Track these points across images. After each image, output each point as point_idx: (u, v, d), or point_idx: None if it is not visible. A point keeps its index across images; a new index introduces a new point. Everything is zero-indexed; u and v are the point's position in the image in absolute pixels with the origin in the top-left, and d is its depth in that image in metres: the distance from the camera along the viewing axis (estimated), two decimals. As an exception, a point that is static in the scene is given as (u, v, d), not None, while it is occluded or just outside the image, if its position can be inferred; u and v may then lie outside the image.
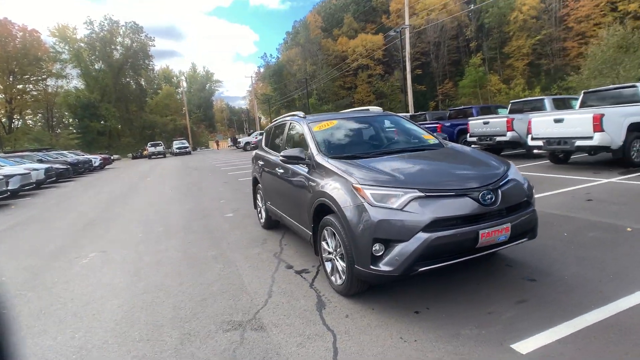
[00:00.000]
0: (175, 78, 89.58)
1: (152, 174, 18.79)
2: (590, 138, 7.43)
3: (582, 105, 9.07)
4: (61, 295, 3.82)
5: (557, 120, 8.13)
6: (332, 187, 3.15)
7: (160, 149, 42.37)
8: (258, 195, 5.84)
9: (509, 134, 10.47)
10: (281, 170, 4.42)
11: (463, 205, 2.74)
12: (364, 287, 3.11)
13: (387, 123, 4.47)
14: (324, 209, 3.33)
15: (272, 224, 5.52)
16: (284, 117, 5.28)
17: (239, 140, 45.07)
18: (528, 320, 2.60)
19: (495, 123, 10.98)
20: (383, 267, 2.71)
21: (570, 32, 55.34)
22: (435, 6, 61.51)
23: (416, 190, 2.76)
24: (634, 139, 7.47)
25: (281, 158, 3.92)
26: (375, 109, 5.00)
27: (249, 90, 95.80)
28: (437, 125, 13.32)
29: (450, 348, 2.37)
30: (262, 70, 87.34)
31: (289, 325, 2.85)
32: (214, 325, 2.93)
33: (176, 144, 44.80)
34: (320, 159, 3.59)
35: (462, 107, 17.82)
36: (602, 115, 7.30)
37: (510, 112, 11.73)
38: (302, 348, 2.53)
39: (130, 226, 6.80)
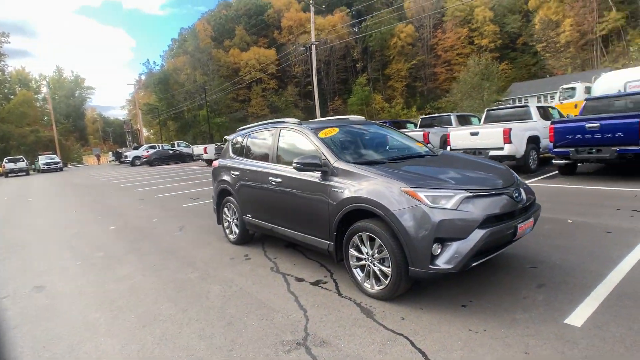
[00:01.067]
0: (34, 82, 76.39)
1: (30, 195, 15.69)
2: (501, 149, 8.82)
3: (486, 121, 10.68)
4: None
5: (472, 134, 9.42)
6: (372, 192, 3.15)
7: (21, 165, 35.58)
8: (226, 209, 5.42)
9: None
10: (277, 180, 4.21)
11: (504, 203, 3.03)
12: (407, 289, 3.16)
13: (380, 131, 4.64)
14: (356, 215, 3.30)
15: (247, 238, 5.18)
16: (263, 124, 5.06)
17: (124, 154, 40.60)
18: (559, 300, 2.98)
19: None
20: (443, 265, 2.81)
21: (439, 59, 64.57)
22: (325, 27, 65.16)
23: (464, 191, 2.95)
24: (530, 149, 9.10)
25: (296, 166, 3.75)
26: (356, 118, 5.13)
27: (128, 99, 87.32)
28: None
29: (519, 331, 2.59)
30: (143, 78, 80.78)
31: (351, 335, 2.74)
32: (268, 349, 2.65)
33: (43, 159, 38.17)
34: (343, 165, 3.55)
35: (380, 121, 19.12)
36: (510, 129, 8.73)
37: (421, 126, 13.08)
38: (385, 354, 2.46)
39: (55, 254, 5.61)
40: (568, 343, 2.42)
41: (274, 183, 4.27)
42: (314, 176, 3.75)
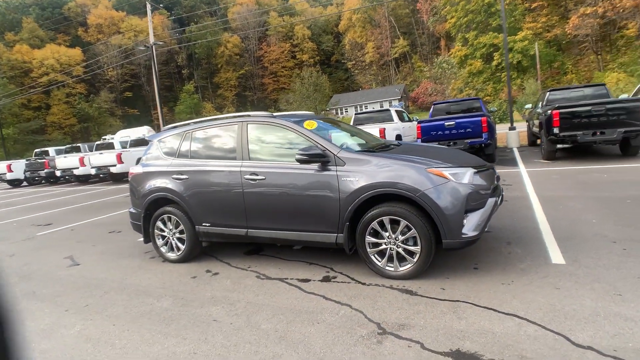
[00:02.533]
0: None
1: None
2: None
3: (355, 123, 11.92)
4: None
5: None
6: (397, 176, 3.27)
7: None
8: (160, 223, 4.52)
9: None
10: (258, 177, 3.83)
11: (494, 176, 3.62)
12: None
13: (341, 124, 4.73)
14: (376, 200, 3.35)
15: (195, 253, 4.48)
16: (209, 120, 4.48)
17: None
18: (531, 250, 3.75)
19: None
20: (471, 233, 3.17)
21: (267, 70, 67.53)
22: (144, 29, 59.54)
23: (471, 168, 3.39)
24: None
25: (300, 158, 3.51)
26: (306, 113, 5.08)
27: None
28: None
29: (535, 275, 3.17)
30: None
31: (417, 312, 2.80)
32: (357, 347, 2.47)
33: None
34: (349, 154, 3.54)
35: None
36: (384, 129, 10.05)
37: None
38: (465, 320, 2.64)
39: None
40: (571, 274, 3.11)
41: (252, 182, 3.86)
42: (311, 169, 3.61)
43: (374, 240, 3.43)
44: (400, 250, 3.35)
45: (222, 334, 2.80)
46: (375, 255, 3.47)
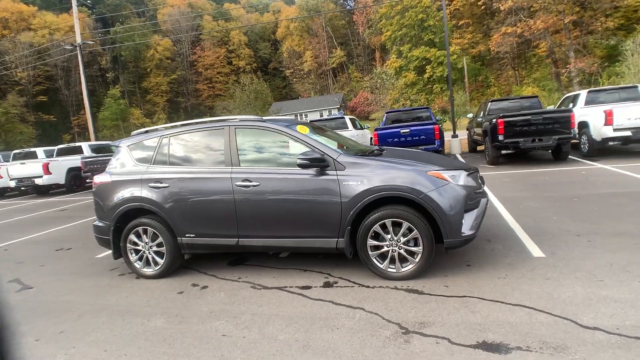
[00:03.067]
0: None
1: None
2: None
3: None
4: None
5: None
6: (400, 178, 3.35)
7: None
8: (134, 237, 4.13)
9: None
10: (251, 184, 3.69)
11: (480, 178, 3.86)
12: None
13: (325, 130, 4.73)
14: (375, 204, 3.41)
15: (175, 267, 4.17)
16: (195, 123, 4.24)
17: None
18: (510, 246, 4.06)
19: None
20: (468, 232, 3.35)
21: (201, 76, 65.23)
22: (61, 26, 54.55)
23: (464, 170, 3.60)
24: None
25: (302, 163, 3.44)
26: (285, 118, 5.00)
27: None
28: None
29: (524, 268, 3.43)
30: None
31: (432, 310, 2.89)
32: (388, 348, 2.48)
33: None
34: (350, 158, 3.57)
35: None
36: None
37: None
38: (479, 314, 2.78)
39: None
40: (554, 266, 3.43)
41: (244, 189, 3.71)
42: (308, 173, 3.58)
43: (375, 243, 3.48)
44: (402, 251, 3.43)
45: (238, 348, 2.64)
46: (377, 257, 3.51)
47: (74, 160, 13.40)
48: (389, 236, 3.43)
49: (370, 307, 3.05)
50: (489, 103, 10.66)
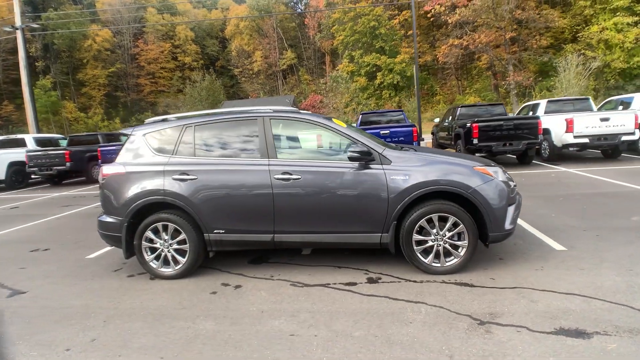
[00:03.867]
0: None
1: None
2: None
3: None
4: None
5: None
6: (449, 173, 3.41)
7: None
8: (151, 234, 3.76)
9: None
10: (292, 177, 3.53)
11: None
12: (470, 257, 3.61)
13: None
14: (423, 198, 3.43)
15: (197, 265, 3.87)
16: (222, 113, 3.97)
17: None
18: (531, 242, 4.30)
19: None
20: (508, 226, 3.50)
21: (143, 70, 61.26)
22: (-22, 5, 48.48)
23: (500, 167, 3.74)
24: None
25: (352, 155, 3.37)
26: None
27: None
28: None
29: (555, 260, 3.65)
30: None
31: (494, 301, 2.96)
32: (475, 339, 2.49)
33: None
34: (396, 152, 3.55)
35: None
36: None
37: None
38: (541, 302, 2.91)
39: None
40: (580, 258, 3.68)
41: (284, 182, 3.54)
42: (352, 167, 3.52)
43: (419, 237, 3.49)
44: (447, 245, 3.48)
45: (317, 347, 2.50)
46: (421, 252, 3.52)
47: (16, 154, 11.92)
48: (434, 231, 3.46)
49: (431, 301, 3.05)
50: (459, 108, 11.26)
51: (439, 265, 3.50)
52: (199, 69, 59.92)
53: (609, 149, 9.59)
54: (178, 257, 3.79)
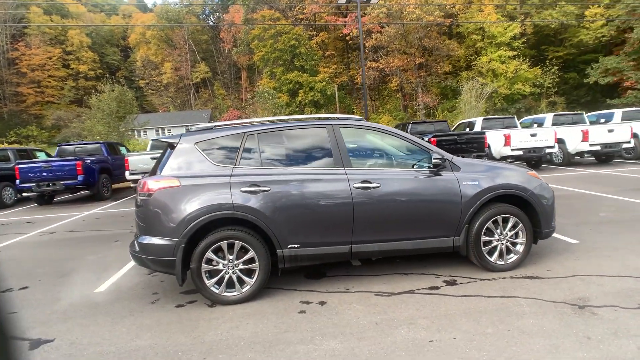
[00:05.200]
0: None
1: None
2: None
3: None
4: None
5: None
6: (512, 178, 3.75)
7: None
8: (212, 255, 3.38)
9: None
10: (371, 185, 3.52)
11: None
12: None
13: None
14: (496, 200, 3.73)
15: (262, 286, 3.57)
16: (282, 120, 3.76)
17: None
18: (551, 239, 4.88)
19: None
20: (554, 223, 3.97)
21: (26, 77, 52.99)
22: None
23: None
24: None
25: (436, 162, 3.50)
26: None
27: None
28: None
29: (568, 260, 4.23)
30: None
31: (573, 287, 3.34)
32: (586, 322, 2.80)
33: None
34: (463, 160, 3.79)
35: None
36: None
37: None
38: (607, 284, 3.36)
39: None
40: (595, 248, 4.32)
41: (364, 190, 3.52)
42: (426, 174, 3.67)
43: (486, 238, 3.76)
44: (508, 244, 3.80)
45: (470, 348, 2.54)
46: (487, 252, 3.78)
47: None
48: (498, 231, 3.76)
49: (521, 294, 3.30)
50: (410, 125, 12.17)
51: (502, 263, 3.79)
52: (98, 79, 54.12)
53: (533, 160, 11.30)
54: (245, 279, 3.45)
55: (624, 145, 10.58)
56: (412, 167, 3.80)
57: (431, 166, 3.62)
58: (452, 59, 33.11)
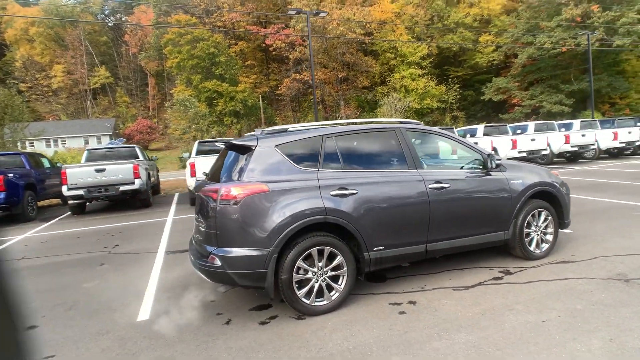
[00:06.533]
0: None
1: None
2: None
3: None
4: None
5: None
6: (543, 175, 4.28)
7: None
8: (304, 263, 3.22)
9: (137, 181, 9.52)
10: (444, 186, 3.71)
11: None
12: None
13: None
14: (534, 197, 4.21)
15: (349, 292, 3.48)
16: (350, 123, 3.73)
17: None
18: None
19: (117, 170, 9.39)
20: (570, 217, 4.61)
21: None
22: None
23: (545, 171, 4.86)
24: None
25: (498, 163, 3.84)
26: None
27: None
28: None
29: (587, 239, 4.98)
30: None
31: (622, 268, 3.94)
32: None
33: None
34: (507, 161, 4.21)
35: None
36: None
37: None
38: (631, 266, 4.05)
39: None
40: (590, 234, 5.12)
41: (438, 191, 3.70)
42: (482, 174, 4.01)
43: (526, 230, 4.22)
44: (542, 235, 4.32)
45: (587, 323, 2.86)
46: (527, 243, 4.24)
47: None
48: (534, 223, 4.25)
49: (571, 275, 3.79)
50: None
51: (539, 251, 4.29)
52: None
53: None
54: (334, 285, 3.34)
55: (542, 152, 12.65)
56: (461, 168, 4.10)
57: (492, 166, 3.95)
58: (369, 74, 35.41)
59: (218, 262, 3.11)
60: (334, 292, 3.35)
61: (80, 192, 9.04)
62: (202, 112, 31.75)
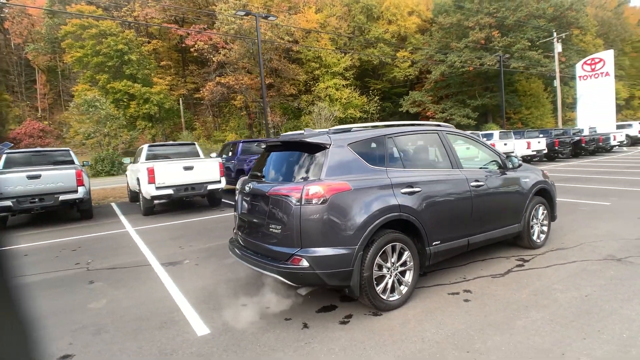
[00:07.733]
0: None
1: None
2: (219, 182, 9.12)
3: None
4: None
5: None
6: (540, 175, 4.93)
7: None
8: (380, 259, 3.26)
9: (81, 189, 8.28)
10: (480, 184, 4.08)
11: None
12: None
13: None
14: (536, 193, 4.82)
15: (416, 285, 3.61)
16: (401, 125, 3.87)
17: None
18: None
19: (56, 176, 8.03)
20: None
21: None
22: None
23: (529, 171, 5.59)
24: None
25: (520, 163, 4.30)
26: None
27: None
28: None
29: (584, 229, 5.83)
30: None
31: (632, 252, 4.69)
32: None
33: None
34: (519, 161, 4.74)
35: None
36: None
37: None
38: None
39: None
40: (562, 226, 6.01)
41: (476, 189, 4.05)
42: (502, 172, 4.49)
43: (531, 223, 4.81)
44: (541, 227, 4.95)
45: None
46: (533, 231, 4.83)
47: None
48: (536, 217, 4.87)
49: (574, 259, 4.42)
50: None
51: (539, 241, 4.91)
52: None
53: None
54: (404, 279, 3.44)
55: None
56: (480, 168, 4.54)
57: (513, 166, 4.44)
58: (295, 82, 35.79)
59: (305, 263, 2.98)
60: (402, 286, 3.44)
61: (8, 203, 7.58)
62: (115, 114, 28.74)
